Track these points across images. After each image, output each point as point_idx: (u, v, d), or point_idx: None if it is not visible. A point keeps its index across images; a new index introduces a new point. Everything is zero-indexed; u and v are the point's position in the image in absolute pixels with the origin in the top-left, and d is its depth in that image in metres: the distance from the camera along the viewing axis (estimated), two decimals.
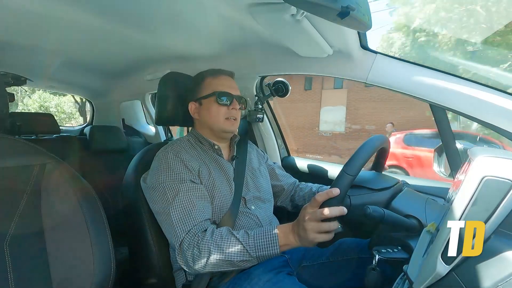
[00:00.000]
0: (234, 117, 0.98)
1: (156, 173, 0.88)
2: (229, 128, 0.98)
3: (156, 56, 1.47)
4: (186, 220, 0.79)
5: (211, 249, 0.74)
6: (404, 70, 0.90)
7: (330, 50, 0.98)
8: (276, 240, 0.74)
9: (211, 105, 0.96)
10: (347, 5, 0.53)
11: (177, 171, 0.86)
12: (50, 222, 0.74)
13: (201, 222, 0.80)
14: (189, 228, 0.78)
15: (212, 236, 0.76)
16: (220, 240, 0.75)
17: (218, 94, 0.95)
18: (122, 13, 0.98)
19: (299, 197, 1.14)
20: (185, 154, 0.91)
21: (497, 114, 0.76)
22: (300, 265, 0.95)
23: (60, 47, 1.38)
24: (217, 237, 0.76)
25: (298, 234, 0.72)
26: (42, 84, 2.24)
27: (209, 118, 0.98)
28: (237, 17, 0.89)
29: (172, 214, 0.80)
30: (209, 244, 0.75)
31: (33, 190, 0.75)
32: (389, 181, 0.83)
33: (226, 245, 0.74)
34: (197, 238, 0.77)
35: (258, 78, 1.40)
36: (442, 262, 0.46)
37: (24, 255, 0.71)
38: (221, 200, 0.90)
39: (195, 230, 0.78)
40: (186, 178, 0.86)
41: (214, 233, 0.78)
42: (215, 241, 0.75)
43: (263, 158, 1.18)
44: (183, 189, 0.83)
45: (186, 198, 0.82)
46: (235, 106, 0.97)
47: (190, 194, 0.83)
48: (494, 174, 0.45)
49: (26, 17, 1.01)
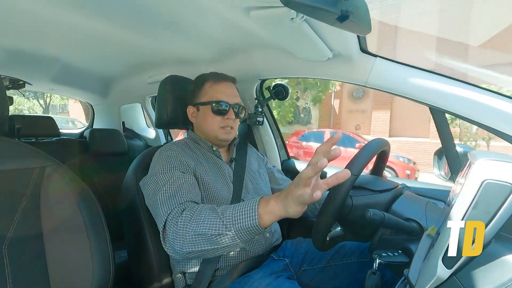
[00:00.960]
0: (229, 126, 0.97)
1: (152, 168, 0.89)
2: (223, 137, 0.98)
3: (157, 59, 1.48)
4: (171, 201, 0.76)
5: (187, 224, 0.68)
6: (404, 74, 0.90)
7: (330, 54, 0.98)
8: (255, 206, 0.62)
9: (206, 113, 0.97)
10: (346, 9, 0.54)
11: (171, 164, 0.86)
12: (49, 225, 0.74)
13: (185, 202, 0.76)
14: (171, 208, 0.75)
15: (191, 211, 0.71)
16: (198, 214, 0.69)
17: (214, 103, 0.95)
18: (123, 17, 0.98)
19: None
20: (182, 153, 0.90)
21: (497, 117, 0.76)
22: (300, 269, 0.94)
23: (60, 50, 1.39)
24: (196, 212, 0.70)
25: (285, 198, 0.60)
26: (43, 87, 2.24)
27: (205, 126, 0.98)
28: (237, 20, 0.89)
29: (159, 198, 0.78)
30: (187, 218, 0.69)
31: (33, 193, 0.75)
32: (389, 184, 0.83)
33: (203, 219, 0.67)
34: (177, 215, 0.72)
35: (258, 81, 1.40)
36: (443, 266, 0.46)
37: (22, 258, 0.71)
38: (219, 202, 0.89)
39: (178, 209, 0.74)
40: (178, 169, 0.85)
41: (193, 208, 0.73)
42: (193, 215, 0.70)
43: (262, 161, 1.18)
44: (173, 178, 0.82)
45: (175, 184, 0.80)
46: (230, 116, 0.96)
47: (179, 181, 0.81)
48: (495, 178, 0.45)
49: (27, 21, 1.02)
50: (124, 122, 2.32)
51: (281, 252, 0.98)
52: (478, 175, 0.46)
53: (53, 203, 0.76)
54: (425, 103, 0.87)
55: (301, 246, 0.99)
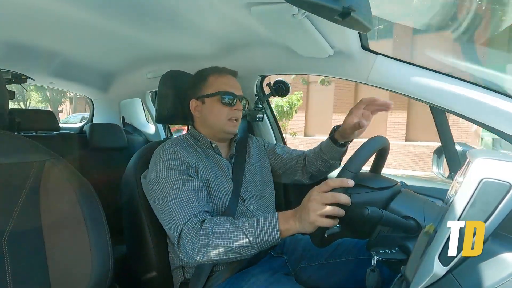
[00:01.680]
0: (236, 117, 0.98)
1: (154, 168, 0.88)
2: (230, 129, 0.98)
3: (157, 54, 1.47)
4: (185, 210, 0.78)
5: (209, 237, 0.73)
6: (405, 72, 0.90)
7: (331, 51, 0.98)
8: (276, 223, 0.71)
9: (214, 105, 0.96)
10: (348, 6, 0.53)
11: (174, 165, 0.86)
12: (49, 220, 0.75)
13: (200, 212, 0.79)
14: (188, 217, 0.77)
15: (211, 223, 0.75)
16: (219, 227, 0.74)
17: (222, 94, 0.95)
18: (123, 11, 0.98)
19: (309, 164, 1.08)
20: (182, 151, 0.90)
21: (497, 116, 0.76)
22: (298, 266, 0.95)
23: (60, 44, 1.38)
24: (217, 225, 0.75)
25: (300, 217, 0.69)
26: (42, 81, 2.23)
27: (211, 118, 0.97)
28: (238, 16, 0.89)
29: (171, 205, 0.79)
30: (208, 231, 0.73)
31: (32, 187, 0.75)
32: (388, 182, 0.83)
33: (225, 232, 0.73)
34: (197, 227, 0.75)
35: (258, 77, 1.40)
36: (439, 263, 0.46)
37: (22, 252, 0.71)
38: (219, 198, 0.90)
39: (195, 220, 0.77)
40: (182, 171, 0.85)
41: (213, 221, 0.76)
42: (214, 228, 0.74)
43: (262, 146, 1.16)
44: (180, 182, 0.83)
45: (184, 190, 0.81)
46: (238, 107, 0.97)
47: (187, 186, 0.82)
48: (493, 176, 0.45)
49: (27, 15, 1.01)
50: (124, 117, 2.32)
51: (279, 249, 0.99)
52: (476, 174, 0.46)
53: (53, 197, 0.76)
54: (426, 101, 0.87)
55: (299, 243, 1.00)
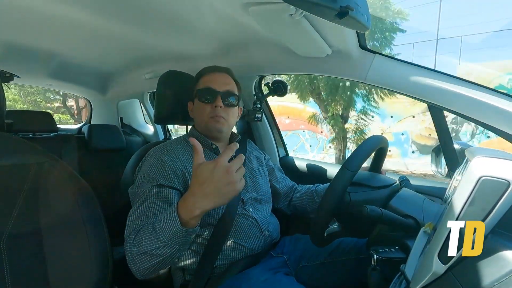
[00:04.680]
0: (219, 115, 0.93)
1: (140, 168, 0.89)
2: (213, 126, 0.94)
3: (155, 55, 1.47)
4: (133, 223, 0.74)
5: (132, 247, 0.68)
6: (403, 71, 0.90)
7: (329, 50, 0.98)
8: (173, 211, 0.64)
9: (196, 104, 0.97)
10: (346, 5, 0.53)
11: (154, 172, 0.84)
12: (48, 221, 0.74)
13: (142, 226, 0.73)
14: (131, 230, 0.73)
15: (134, 232, 0.71)
16: (139, 235, 0.69)
17: (200, 91, 0.95)
18: (121, 12, 0.98)
19: (296, 198, 1.14)
20: (172, 157, 0.88)
21: (495, 115, 0.76)
22: (298, 266, 0.95)
23: (58, 45, 1.38)
24: (138, 233, 0.70)
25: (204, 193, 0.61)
26: (39, 82, 2.23)
27: (197, 117, 0.98)
28: (236, 16, 0.89)
29: (130, 213, 0.77)
30: (131, 241, 0.69)
31: (31, 188, 0.74)
32: (387, 180, 0.84)
33: (140, 238, 0.68)
34: (131, 239, 0.70)
35: (256, 77, 1.40)
36: (438, 262, 0.46)
37: (21, 253, 0.71)
38: None
39: (134, 234, 0.72)
40: (158, 180, 0.82)
41: (137, 229, 0.71)
42: (135, 236, 0.69)
43: (264, 158, 1.18)
44: (147, 194, 0.79)
45: (145, 203, 0.78)
46: (218, 103, 0.92)
47: (150, 200, 0.78)
48: (491, 174, 0.45)
49: (25, 16, 1.01)
50: (122, 118, 2.32)
51: (279, 249, 0.99)
52: (474, 172, 0.46)
53: (52, 199, 0.75)
54: (424, 100, 0.87)
55: (299, 243, 1.00)
